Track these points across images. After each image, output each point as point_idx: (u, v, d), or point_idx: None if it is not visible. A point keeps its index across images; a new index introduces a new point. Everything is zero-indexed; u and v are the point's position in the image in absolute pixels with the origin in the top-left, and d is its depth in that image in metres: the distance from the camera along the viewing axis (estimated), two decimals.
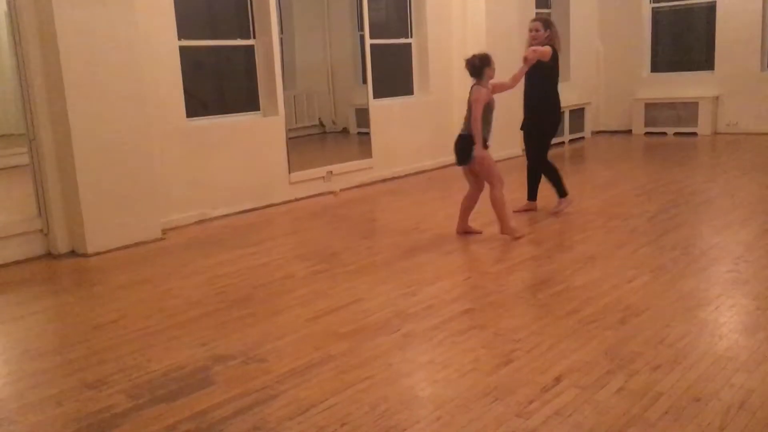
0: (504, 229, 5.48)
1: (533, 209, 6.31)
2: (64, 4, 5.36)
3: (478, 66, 5.36)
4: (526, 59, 5.72)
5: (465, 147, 5.35)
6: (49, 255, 5.69)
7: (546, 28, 5.98)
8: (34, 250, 5.64)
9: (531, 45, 5.98)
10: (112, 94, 5.68)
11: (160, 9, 6.28)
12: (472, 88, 5.39)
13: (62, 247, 5.70)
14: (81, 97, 5.50)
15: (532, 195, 6.38)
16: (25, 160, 5.75)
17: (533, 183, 6.37)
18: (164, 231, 6.17)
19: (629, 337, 3.48)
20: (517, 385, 3.01)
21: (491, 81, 5.44)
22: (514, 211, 6.22)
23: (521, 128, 6.28)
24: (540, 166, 6.23)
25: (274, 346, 3.59)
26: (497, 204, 5.44)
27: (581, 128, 11.40)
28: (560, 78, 11.82)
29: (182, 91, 6.49)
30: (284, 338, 3.70)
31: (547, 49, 5.82)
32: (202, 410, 2.95)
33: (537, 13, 10.62)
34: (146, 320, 4.08)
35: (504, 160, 8.27)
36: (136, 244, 5.86)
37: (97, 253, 5.65)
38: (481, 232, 5.65)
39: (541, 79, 5.97)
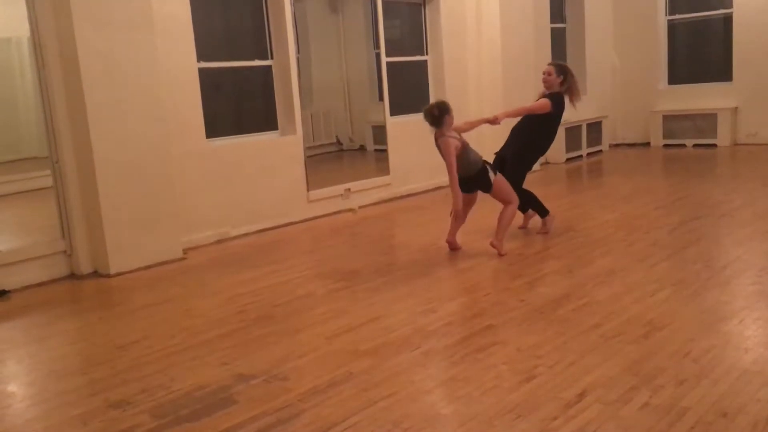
0: (497, 242, 5.48)
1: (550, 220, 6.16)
2: (86, 29, 5.47)
3: (438, 115, 5.39)
4: (495, 119, 5.76)
5: (479, 181, 5.48)
6: (73, 276, 5.76)
7: (560, 74, 5.86)
8: (57, 271, 5.71)
9: (543, 86, 5.94)
10: (134, 116, 5.77)
11: (180, 32, 6.37)
12: (437, 140, 5.45)
13: (85, 267, 5.77)
14: (103, 119, 5.59)
15: (542, 212, 6.13)
16: (48, 182, 5.83)
17: (535, 203, 6.16)
18: (185, 251, 6.22)
19: (653, 351, 3.45)
20: (540, 402, 2.99)
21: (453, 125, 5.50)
22: (520, 227, 6.18)
23: (496, 153, 6.08)
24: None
25: (295, 365, 3.60)
26: (506, 219, 5.51)
27: (599, 141, 11.37)
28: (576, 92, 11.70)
29: (202, 112, 6.58)
30: (305, 356, 3.71)
31: (517, 109, 5.81)
32: (224, 429, 2.96)
33: (552, 29, 10.66)
34: (169, 340, 4.11)
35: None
36: (158, 264, 5.91)
37: (120, 274, 5.70)
38: (460, 248, 5.69)
39: (538, 124, 5.85)
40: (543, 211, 6.12)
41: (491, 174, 5.49)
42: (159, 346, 4.01)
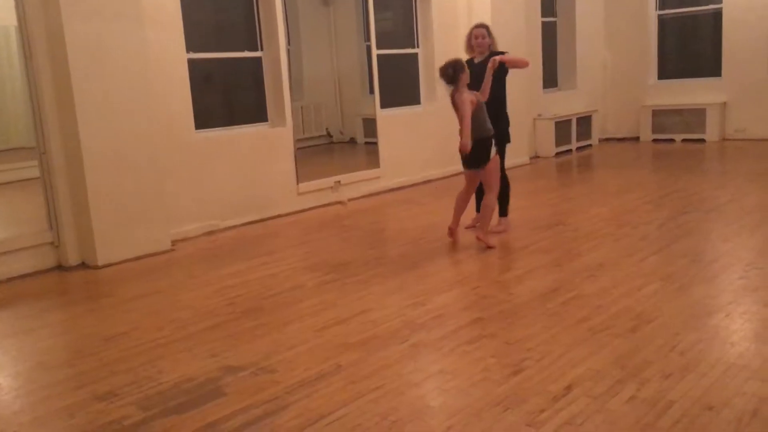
0: (482, 234, 5.50)
1: (504, 229, 6.00)
2: (74, 19, 5.42)
3: (452, 74, 5.36)
4: (494, 63, 5.51)
5: (484, 149, 5.39)
6: (60, 267, 5.73)
7: (489, 34, 5.85)
8: (45, 262, 5.68)
9: (477, 51, 5.87)
10: (122, 107, 5.73)
11: (169, 23, 6.33)
12: (452, 95, 5.41)
13: (73, 259, 5.74)
14: (91, 110, 5.55)
15: (503, 210, 6.05)
16: (35, 173, 5.80)
17: (504, 199, 6.01)
18: (174, 242, 6.20)
19: (640, 345, 3.47)
20: (527, 395, 3.01)
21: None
22: (467, 227, 6.04)
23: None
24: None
25: (283, 357, 3.60)
26: (488, 208, 5.52)
27: (588, 136, 11.40)
28: (567, 86, 11.87)
29: (191, 103, 6.54)
30: (294, 349, 3.71)
31: (519, 58, 5.63)
32: (212, 421, 2.95)
33: (543, 23, 10.67)
34: (157, 332, 4.10)
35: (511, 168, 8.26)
36: (146, 256, 5.89)
37: (108, 265, 5.68)
38: (458, 240, 5.71)
39: (499, 89, 5.76)
40: (504, 210, 6.04)
41: (493, 149, 5.48)
42: (147, 338, 4.00)
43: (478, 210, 6.16)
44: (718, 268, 4.71)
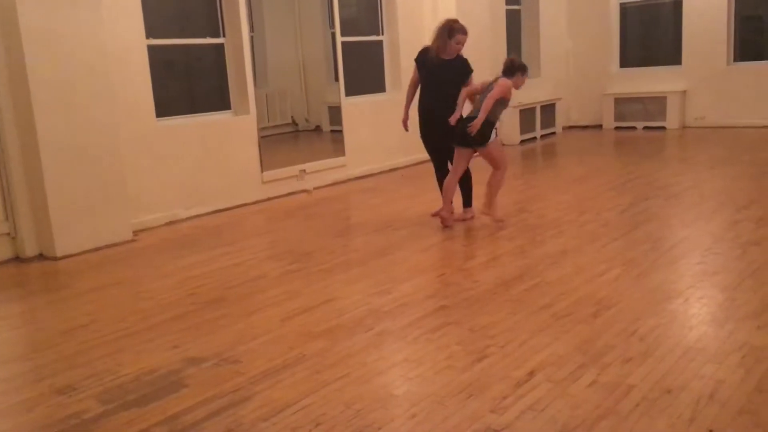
0: (490, 211, 5.69)
1: (472, 216, 5.97)
2: (28, 4, 5.26)
3: (517, 66, 5.57)
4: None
5: (484, 129, 5.42)
6: (17, 259, 5.59)
7: None
8: (1, 254, 5.54)
9: (448, 52, 5.85)
10: (80, 95, 5.59)
11: (128, 8, 6.19)
12: (498, 79, 5.53)
13: (30, 250, 5.60)
14: (47, 98, 5.41)
15: (467, 201, 6.02)
16: None
17: (467, 189, 5.99)
18: (135, 232, 6.09)
19: (601, 330, 3.51)
20: (491, 381, 3.03)
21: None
22: (432, 214, 5.98)
23: (425, 136, 5.93)
24: (442, 170, 5.91)
25: (247, 347, 3.57)
26: (497, 185, 5.66)
27: (552, 124, 11.49)
28: (531, 74, 11.98)
29: (151, 90, 6.42)
30: (258, 339, 3.68)
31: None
32: (174, 414, 2.91)
33: (507, 11, 10.70)
34: (117, 324, 4.03)
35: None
36: (107, 246, 5.78)
37: (67, 256, 5.56)
38: (451, 225, 5.77)
39: (459, 85, 5.73)
40: (468, 200, 6.01)
41: (494, 134, 5.52)
42: (107, 330, 3.93)
43: (465, 203, 6.05)
44: (677, 254, 4.80)
